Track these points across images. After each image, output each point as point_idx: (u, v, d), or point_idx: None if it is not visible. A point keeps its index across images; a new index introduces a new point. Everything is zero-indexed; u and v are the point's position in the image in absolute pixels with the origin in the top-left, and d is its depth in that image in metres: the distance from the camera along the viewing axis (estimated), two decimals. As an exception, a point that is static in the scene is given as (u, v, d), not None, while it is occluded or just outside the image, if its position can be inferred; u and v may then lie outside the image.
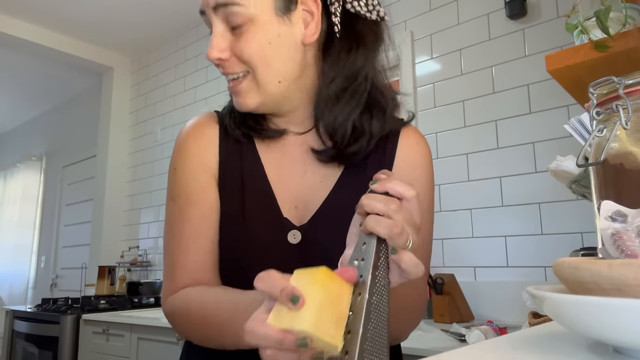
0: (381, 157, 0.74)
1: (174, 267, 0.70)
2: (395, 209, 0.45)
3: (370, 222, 0.45)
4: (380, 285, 0.44)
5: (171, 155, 0.77)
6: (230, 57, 0.66)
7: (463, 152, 2.00)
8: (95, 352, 2.42)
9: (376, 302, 0.43)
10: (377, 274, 0.44)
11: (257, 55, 0.65)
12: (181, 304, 0.67)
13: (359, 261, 0.45)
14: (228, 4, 0.64)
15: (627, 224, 0.41)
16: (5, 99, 4.89)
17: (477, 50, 2.02)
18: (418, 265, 0.46)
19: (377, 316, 0.43)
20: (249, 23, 0.64)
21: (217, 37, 0.65)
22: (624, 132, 0.49)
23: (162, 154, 3.46)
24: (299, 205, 0.71)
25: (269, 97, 0.68)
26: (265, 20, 0.65)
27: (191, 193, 0.72)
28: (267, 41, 0.65)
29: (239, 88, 0.67)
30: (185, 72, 3.43)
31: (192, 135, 0.75)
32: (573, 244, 1.64)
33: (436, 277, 1.84)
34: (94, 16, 3.30)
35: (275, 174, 0.73)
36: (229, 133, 0.74)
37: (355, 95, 0.69)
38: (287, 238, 0.69)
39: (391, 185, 0.47)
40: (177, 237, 0.71)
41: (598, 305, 0.33)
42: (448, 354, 0.41)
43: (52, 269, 4.48)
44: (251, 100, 0.68)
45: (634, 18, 1.00)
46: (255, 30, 0.64)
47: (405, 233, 0.45)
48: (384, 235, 0.44)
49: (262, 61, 0.65)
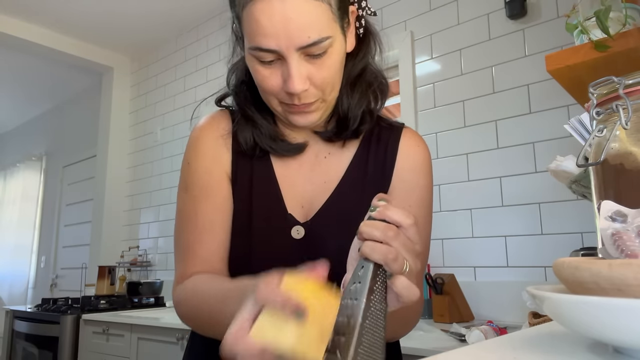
0: (382, 159, 0.76)
1: (187, 255, 0.72)
2: (392, 236, 0.46)
3: (366, 248, 0.46)
4: (375, 309, 0.45)
5: (185, 151, 0.78)
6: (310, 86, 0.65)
7: (463, 152, 2.00)
8: (95, 352, 2.42)
9: (370, 325, 0.44)
10: (372, 297, 0.45)
11: (333, 78, 0.67)
12: (182, 294, 0.69)
13: (356, 284, 0.46)
14: (318, 42, 0.62)
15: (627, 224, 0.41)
16: (6, 99, 4.89)
17: (477, 50, 2.02)
18: (410, 288, 0.47)
19: (370, 339, 0.43)
20: (330, 49, 0.64)
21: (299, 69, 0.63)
22: (624, 132, 0.49)
23: (162, 154, 3.46)
24: (305, 204, 0.74)
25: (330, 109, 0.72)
26: (339, 42, 0.66)
27: (205, 185, 0.74)
28: (341, 60, 0.68)
29: (310, 109, 0.68)
30: (185, 72, 3.43)
31: (207, 131, 0.77)
32: (573, 244, 1.64)
33: (436, 277, 1.84)
34: (94, 16, 3.30)
35: (283, 174, 0.76)
36: None
37: (368, 89, 0.76)
38: (291, 233, 0.72)
39: (389, 214, 0.48)
40: (191, 226, 0.73)
41: (598, 305, 0.33)
42: (448, 354, 0.41)
43: (52, 269, 4.48)
44: (317, 117, 0.70)
45: (634, 18, 1.00)
46: (335, 53, 0.65)
47: (400, 259, 0.46)
48: (379, 261, 0.45)
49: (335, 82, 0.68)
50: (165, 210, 3.34)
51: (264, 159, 0.76)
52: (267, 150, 0.75)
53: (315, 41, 0.61)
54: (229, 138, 0.76)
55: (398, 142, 0.77)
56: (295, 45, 0.61)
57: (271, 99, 0.68)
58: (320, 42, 0.62)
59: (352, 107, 0.74)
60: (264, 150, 0.76)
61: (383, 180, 0.75)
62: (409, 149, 0.77)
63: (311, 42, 0.61)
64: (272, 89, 0.66)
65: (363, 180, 0.75)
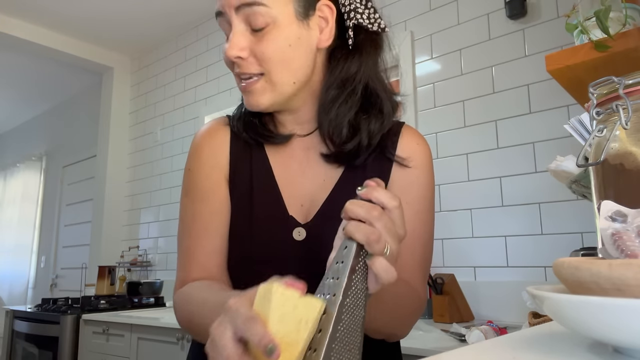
0: (381, 157, 0.76)
1: (186, 259, 0.74)
2: (376, 216, 0.47)
3: (350, 227, 0.47)
4: (356, 289, 0.46)
5: (187, 158, 0.80)
6: (249, 56, 0.67)
7: (463, 152, 2.00)
8: (95, 352, 2.42)
9: (350, 304, 0.44)
10: (353, 277, 0.45)
11: (276, 56, 0.67)
12: (180, 300, 0.70)
13: (339, 263, 0.46)
14: (253, 4, 0.65)
15: (627, 224, 0.41)
16: (5, 99, 4.89)
17: (477, 50, 2.02)
18: (388, 270, 0.47)
19: (350, 318, 0.44)
20: (271, 25, 0.66)
21: (237, 36, 0.66)
22: (624, 132, 0.49)
23: (162, 154, 3.46)
24: (305, 203, 0.74)
25: (281, 97, 0.71)
26: (286, 23, 0.67)
27: (203, 190, 0.75)
28: (288, 43, 0.68)
29: (253, 88, 0.69)
30: (185, 72, 3.43)
31: (206, 139, 0.78)
32: (573, 244, 1.64)
33: (436, 277, 1.84)
34: (94, 16, 3.30)
35: (282, 174, 0.76)
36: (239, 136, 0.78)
37: (349, 99, 0.73)
38: (293, 235, 0.72)
39: (376, 194, 0.49)
40: (189, 230, 0.74)
41: (598, 305, 0.33)
42: (448, 354, 0.41)
43: (52, 269, 4.48)
44: (264, 100, 0.70)
45: (634, 18, 1.00)
46: (277, 32, 0.66)
47: (382, 240, 0.46)
48: (361, 241, 0.46)
49: (281, 63, 0.68)
50: (165, 210, 3.34)
51: (262, 159, 0.76)
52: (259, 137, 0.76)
53: (249, 2, 0.64)
54: (227, 143, 0.78)
55: (397, 140, 0.77)
56: (232, 4, 0.65)
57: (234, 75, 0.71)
58: (255, 5, 0.64)
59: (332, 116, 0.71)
60: (262, 148, 0.77)
61: (382, 177, 0.75)
62: (409, 147, 0.77)
63: (245, 1, 0.65)
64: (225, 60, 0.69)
65: (362, 178, 0.75)
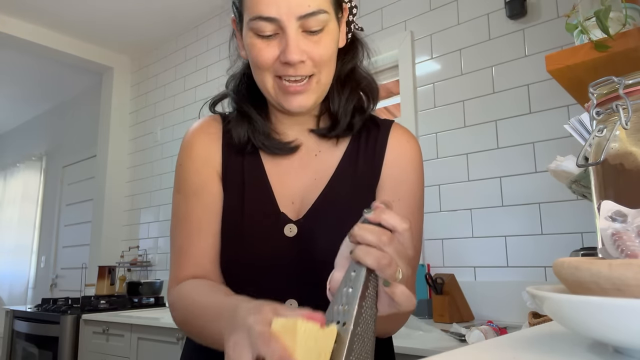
0: (371, 154, 0.77)
1: (180, 255, 0.74)
2: (386, 241, 0.46)
3: (359, 252, 0.45)
4: (366, 316, 0.45)
5: (178, 154, 0.80)
6: (307, 59, 0.68)
7: (463, 152, 2.00)
8: (95, 352, 2.42)
9: (361, 332, 0.43)
10: (363, 304, 0.44)
11: (329, 58, 0.70)
12: (177, 299, 0.70)
13: (348, 289, 0.45)
14: (317, 13, 0.65)
15: (627, 224, 0.41)
16: (5, 99, 4.88)
17: (477, 50, 2.02)
18: (410, 298, 0.47)
19: (361, 346, 0.43)
20: (325, 28, 0.67)
21: (297, 40, 0.66)
22: (624, 132, 0.49)
23: (162, 154, 3.46)
24: (296, 200, 0.75)
25: (322, 96, 0.73)
26: (334, 25, 0.70)
27: (195, 186, 0.75)
28: (335, 45, 0.71)
29: (306, 89, 0.70)
30: (185, 72, 3.43)
31: (197, 135, 0.78)
32: (573, 244, 1.64)
33: (436, 277, 1.84)
34: (94, 16, 3.29)
35: (274, 172, 0.76)
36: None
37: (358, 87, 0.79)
38: (284, 231, 0.72)
39: (385, 217, 0.48)
40: (181, 226, 0.75)
41: (598, 305, 0.33)
42: (448, 354, 0.41)
43: (52, 269, 4.48)
44: (311, 101, 0.71)
45: (634, 18, 1.00)
46: (329, 35, 0.69)
47: (394, 265, 0.46)
48: (372, 266, 0.45)
49: (329, 64, 0.70)
50: (165, 210, 3.34)
51: (254, 157, 0.77)
52: (259, 147, 0.76)
53: (314, 11, 0.64)
54: (220, 139, 0.78)
55: (387, 138, 0.78)
56: (295, 13, 0.64)
57: (266, 76, 0.69)
58: (319, 13, 0.65)
59: (342, 102, 0.77)
60: (255, 147, 0.77)
61: (373, 176, 0.76)
62: (400, 145, 0.78)
63: (310, 11, 0.64)
64: (267, 62, 0.67)
65: (353, 177, 0.76)
